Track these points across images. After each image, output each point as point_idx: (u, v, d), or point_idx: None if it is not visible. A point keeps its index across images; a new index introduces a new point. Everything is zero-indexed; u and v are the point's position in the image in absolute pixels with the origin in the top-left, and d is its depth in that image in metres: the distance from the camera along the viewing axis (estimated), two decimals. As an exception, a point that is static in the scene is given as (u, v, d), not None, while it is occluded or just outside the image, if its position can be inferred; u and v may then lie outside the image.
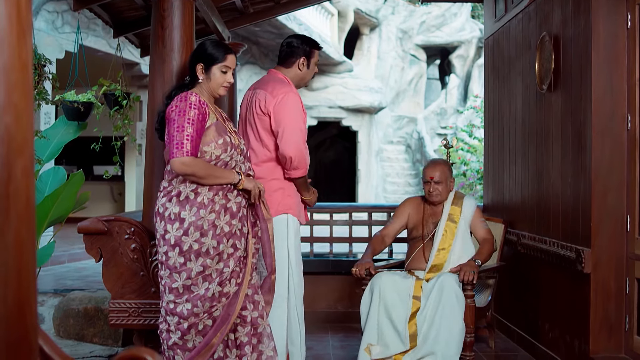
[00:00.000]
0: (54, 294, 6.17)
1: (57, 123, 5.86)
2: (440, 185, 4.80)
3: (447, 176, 4.84)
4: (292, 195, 4.00)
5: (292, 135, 3.85)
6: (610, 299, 4.12)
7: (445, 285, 4.36)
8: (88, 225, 4.11)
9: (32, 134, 1.37)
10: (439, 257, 4.71)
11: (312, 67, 4.18)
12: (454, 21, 23.43)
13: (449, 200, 4.88)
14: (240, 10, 6.52)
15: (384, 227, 5.03)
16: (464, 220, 4.81)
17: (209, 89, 3.56)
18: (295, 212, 4.01)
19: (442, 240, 4.75)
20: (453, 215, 4.81)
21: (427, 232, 4.85)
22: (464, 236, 4.79)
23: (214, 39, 3.70)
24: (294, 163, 3.86)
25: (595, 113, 4.08)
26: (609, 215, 4.10)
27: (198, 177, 3.34)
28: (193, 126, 3.33)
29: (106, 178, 6.15)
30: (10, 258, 1.30)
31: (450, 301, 4.31)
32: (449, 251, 4.72)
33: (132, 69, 11.51)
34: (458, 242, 4.75)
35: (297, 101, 3.94)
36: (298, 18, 15.81)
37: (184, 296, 3.35)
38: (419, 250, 4.83)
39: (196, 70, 3.53)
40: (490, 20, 6.28)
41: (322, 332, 5.88)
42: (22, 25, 1.33)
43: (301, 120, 3.91)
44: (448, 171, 4.87)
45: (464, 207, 4.84)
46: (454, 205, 4.85)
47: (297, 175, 3.93)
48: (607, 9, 4.10)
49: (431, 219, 4.88)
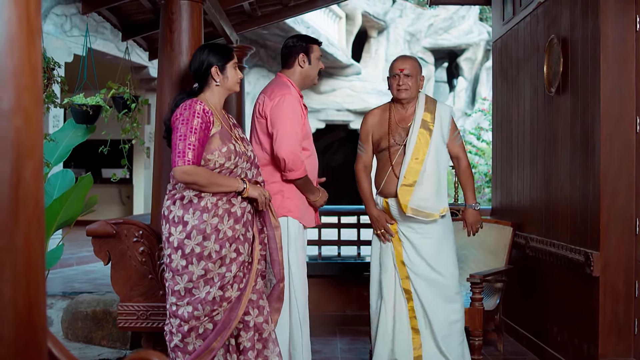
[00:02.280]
0: (62, 297, 6.18)
1: (66, 126, 5.87)
2: (410, 80, 4.29)
3: (418, 72, 4.35)
4: (293, 198, 3.99)
5: (285, 137, 3.85)
6: (619, 302, 4.10)
7: (435, 320, 4.28)
8: (96, 228, 4.12)
9: (41, 137, 1.37)
10: (412, 169, 4.25)
11: (315, 63, 4.15)
12: (462, 24, 23.38)
13: (420, 103, 4.38)
14: (248, 13, 6.54)
15: (358, 159, 4.52)
16: (439, 131, 4.33)
17: (225, 89, 3.59)
18: (296, 215, 3.99)
19: (415, 149, 4.27)
20: (427, 122, 4.32)
21: (397, 139, 4.38)
22: (439, 147, 4.32)
23: (208, 43, 3.72)
24: (288, 165, 3.86)
25: (604, 116, 4.07)
26: (618, 218, 4.09)
27: (200, 185, 3.36)
28: (196, 135, 3.34)
29: (114, 181, 6.16)
30: (19, 260, 1.30)
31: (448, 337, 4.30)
32: (423, 161, 4.26)
33: (140, 72, 11.52)
34: (432, 152, 4.28)
35: (294, 103, 3.93)
36: (306, 21, 15.81)
37: (185, 299, 3.37)
38: (389, 169, 4.37)
39: (211, 74, 3.54)
40: (498, 23, 6.27)
41: (330, 335, 5.88)
42: (31, 28, 1.33)
43: (296, 123, 3.90)
44: (419, 67, 4.37)
45: (437, 114, 4.35)
46: (426, 111, 4.35)
47: (294, 177, 3.92)
48: (615, 12, 4.09)
49: (400, 125, 4.39)
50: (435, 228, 4.31)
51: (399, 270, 4.34)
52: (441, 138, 4.33)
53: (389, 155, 4.37)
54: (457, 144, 4.44)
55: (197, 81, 3.61)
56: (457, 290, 4.33)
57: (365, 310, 4.66)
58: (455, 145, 4.43)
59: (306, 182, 3.99)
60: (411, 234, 4.32)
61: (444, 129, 4.34)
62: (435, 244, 4.30)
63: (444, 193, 4.33)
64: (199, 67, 3.55)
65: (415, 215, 4.23)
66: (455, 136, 4.43)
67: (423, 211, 4.23)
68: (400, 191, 4.25)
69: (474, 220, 4.45)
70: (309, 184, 4.01)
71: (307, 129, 4.07)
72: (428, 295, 4.27)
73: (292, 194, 3.99)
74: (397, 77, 4.31)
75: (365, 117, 4.56)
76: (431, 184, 4.27)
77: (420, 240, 4.30)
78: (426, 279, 4.28)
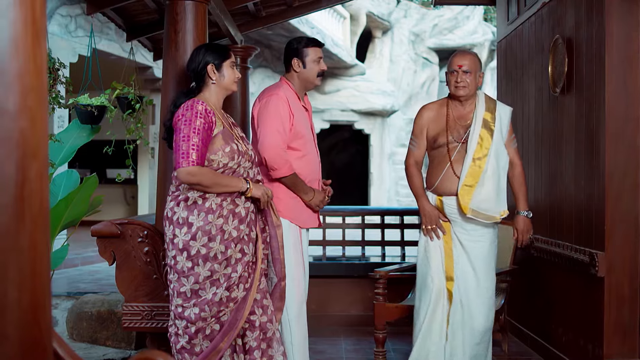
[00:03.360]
0: (67, 297, 6.19)
1: (71, 126, 5.88)
2: (468, 76, 4.10)
3: (477, 68, 4.15)
4: (282, 197, 3.98)
5: (266, 135, 3.89)
6: (624, 302, 4.09)
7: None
8: (101, 229, 4.12)
9: (46, 137, 1.37)
10: (474, 170, 4.08)
11: (312, 66, 4.13)
12: (467, 24, 23.37)
13: (481, 101, 4.21)
14: (252, 13, 6.54)
15: (409, 155, 4.35)
16: (499, 131, 4.15)
17: (222, 88, 3.58)
18: (286, 215, 3.98)
19: (477, 149, 4.10)
20: (488, 122, 4.14)
21: (455, 137, 4.18)
22: (499, 148, 4.13)
23: (206, 43, 3.74)
24: (269, 163, 3.88)
25: (609, 116, 4.06)
26: (623, 219, 4.08)
27: (204, 186, 3.36)
28: (199, 135, 3.34)
29: (119, 181, 6.16)
30: (24, 261, 1.30)
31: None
32: (485, 162, 4.08)
33: (145, 73, 11.54)
34: (492, 153, 4.10)
35: (278, 104, 3.95)
36: (310, 21, 15.81)
37: (192, 300, 3.37)
38: (447, 166, 4.18)
39: (207, 72, 3.53)
40: (502, 23, 6.26)
41: (334, 335, 5.87)
42: (36, 29, 1.33)
43: (279, 122, 3.92)
44: (478, 62, 4.18)
45: (497, 114, 4.17)
46: (487, 110, 4.17)
47: (277, 175, 3.93)
48: (620, 11, 4.08)
49: (459, 122, 4.20)
50: (487, 233, 4.17)
51: (445, 270, 4.21)
52: (501, 139, 4.16)
53: (447, 152, 4.18)
54: (513, 148, 4.27)
55: (194, 81, 3.60)
56: (493, 298, 4.23)
57: (370, 311, 4.66)
58: (511, 149, 4.26)
59: (295, 182, 3.98)
60: (464, 236, 4.17)
61: (504, 129, 4.18)
62: (484, 248, 4.16)
63: (503, 194, 4.17)
64: (195, 66, 3.55)
65: (476, 216, 4.08)
66: (512, 139, 4.27)
67: (484, 213, 4.08)
68: (460, 192, 4.09)
69: (525, 229, 4.30)
70: (298, 184, 4.00)
71: (301, 129, 4.04)
72: (468, 300, 4.13)
73: (282, 194, 3.99)
74: (456, 74, 4.12)
75: (420, 111, 4.34)
76: (492, 185, 4.10)
77: (472, 243, 4.15)
78: (468, 283, 4.14)
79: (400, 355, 5.22)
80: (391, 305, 4.69)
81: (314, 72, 4.15)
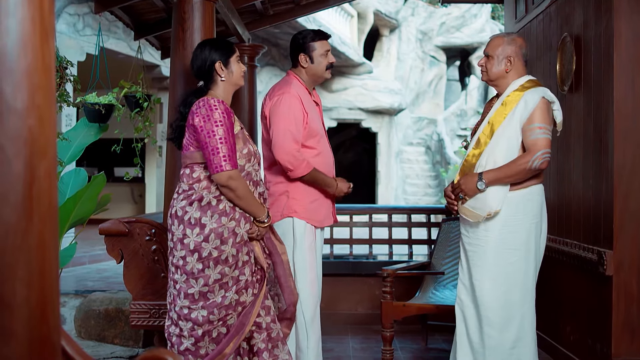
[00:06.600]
0: (75, 295, 6.21)
1: (79, 125, 5.89)
2: (488, 61, 3.76)
3: (501, 52, 3.72)
4: (298, 198, 3.93)
5: (279, 137, 3.82)
6: (632, 301, 4.08)
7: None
8: (109, 227, 4.13)
9: (54, 136, 1.38)
10: (468, 162, 3.73)
11: (319, 60, 4.03)
12: (474, 22, 23.35)
13: (509, 89, 3.72)
14: (260, 12, 6.54)
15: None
16: (511, 118, 3.62)
17: (231, 84, 3.50)
18: (302, 215, 3.94)
19: (477, 141, 3.73)
20: (500, 112, 3.68)
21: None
22: (500, 140, 3.64)
23: (207, 40, 3.64)
24: (285, 165, 3.83)
25: (617, 114, 4.05)
26: (632, 217, 4.06)
27: (236, 194, 3.29)
28: (232, 136, 3.28)
29: (127, 180, 6.17)
30: (33, 259, 1.31)
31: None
32: (480, 155, 3.68)
33: (152, 71, 11.57)
34: (492, 144, 3.65)
35: (290, 102, 3.87)
36: (318, 20, 15.81)
37: (199, 303, 3.29)
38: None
39: (216, 70, 3.43)
40: (510, 21, 6.25)
41: (342, 333, 5.87)
42: (45, 28, 1.34)
43: (292, 121, 3.84)
44: (504, 46, 3.73)
45: (523, 100, 3.62)
46: (508, 98, 3.69)
47: (296, 175, 3.86)
48: (629, 10, 4.06)
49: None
50: (486, 236, 3.69)
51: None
52: (511, 125, 3.62)
53: None
54: (532, 139, 3.57)
55: (201, 79, 3.51)
56: (504, 315, 3.78)
57: (377, 309, 4.66)
58: (529, 140, 3.58)
59: (316, 178, 3.92)
60: (465, 239, 3.82)
61: (524, 114, 3.59)
62: (481, 256, 3.71)
63: (501, 192, 3.61)
64: (202, 64, 3.44)
65: (463, 214, 3.71)
66: (532, 128, 3.57)
67: (471, 210, 3.67)
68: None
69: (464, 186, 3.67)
70: (319, 178, 3.94)
71: (315, 127, 3.97)
72: (468, 315, 3.83)
73: (298, 195, 3.94)
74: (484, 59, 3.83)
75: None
76: None
77: (469, 247, 3.77)
78: (467, 295, 3.83)
79: (407, 353, 5.22)
80: (399, 304, 4.69)
81: (323, 66, 4.05)
